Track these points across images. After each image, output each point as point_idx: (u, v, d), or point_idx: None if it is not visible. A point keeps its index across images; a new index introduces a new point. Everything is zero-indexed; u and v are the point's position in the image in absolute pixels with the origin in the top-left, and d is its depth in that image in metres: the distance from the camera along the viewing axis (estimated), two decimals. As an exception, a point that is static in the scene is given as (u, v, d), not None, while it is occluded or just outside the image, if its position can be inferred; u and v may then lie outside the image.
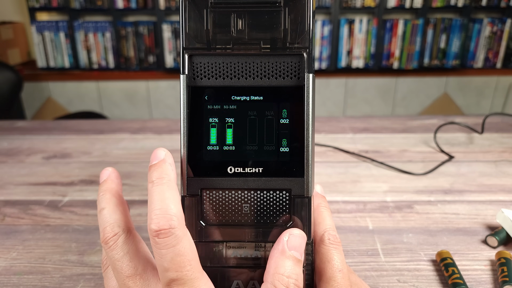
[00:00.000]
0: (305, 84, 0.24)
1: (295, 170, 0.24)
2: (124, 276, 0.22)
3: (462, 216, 0.46)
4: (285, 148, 0.24)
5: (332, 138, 0.72)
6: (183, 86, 0.24)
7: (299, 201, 0.24)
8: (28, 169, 0.60)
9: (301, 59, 0.24)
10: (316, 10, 1.94)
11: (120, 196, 0.24)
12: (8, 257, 0.40)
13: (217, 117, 0.24)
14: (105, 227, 0.23)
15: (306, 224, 0.24)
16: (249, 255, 0.24)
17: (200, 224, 0.24)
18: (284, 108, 0.24)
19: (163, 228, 0.20)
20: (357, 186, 0.54)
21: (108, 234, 0.22)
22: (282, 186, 0.24)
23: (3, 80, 1.69)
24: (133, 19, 2.28)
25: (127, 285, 0.22)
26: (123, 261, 0.22)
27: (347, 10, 2.20)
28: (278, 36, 0.24)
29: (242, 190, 0.24)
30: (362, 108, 2.37)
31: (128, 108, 2.36)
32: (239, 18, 0.24)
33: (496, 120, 0.80)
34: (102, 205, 0.23)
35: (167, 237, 0.20)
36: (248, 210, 0.24)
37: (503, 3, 2.17)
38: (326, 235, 0.25)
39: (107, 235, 0.22)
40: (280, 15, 0.24)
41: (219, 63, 0.24)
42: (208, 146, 0.24)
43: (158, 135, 0.75)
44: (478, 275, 0.36)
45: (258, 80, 0.24)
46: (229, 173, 0.24)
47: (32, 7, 2.18)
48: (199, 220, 0.24)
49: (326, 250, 0.24)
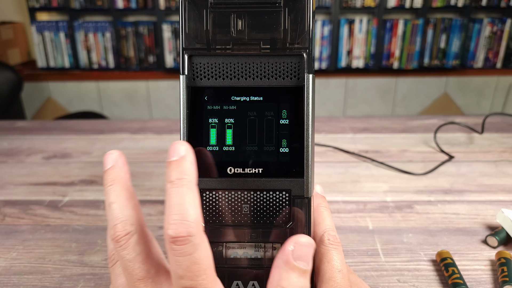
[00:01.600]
0: (305, 84, 0.24)
1: (295, 170, 0.24)
2: (135, 278, 0.21)
3: (462, 216, 0.46)
4: (285, 148, 0.24)
5: (332, 138, 0.72)
6: (182, 87, 0.24)
7: (299, 202, 0.24)
8: (28, 169, 0.60)
9: (301, 59, 0.24)
10: (316, 10, 1.94)
11: (130, 187, 0.23)
12: (8, 257, 0.40)
13: (217, 117, 0.24)
14: (115, 224, 0.21)
15: (306, 225, 0.24)
16: (249, 255, 0.24)
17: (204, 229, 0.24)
18: (284, 109, 0.24)
19: (181, 235, 0.19)
20: (357, 186, 0.54)
21: (119, 232, 0.21)
22: (282, 186, 0.24)
23: (3, 80, 1.69)
24: (133, 19, 2.28)
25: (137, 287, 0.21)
26: (135, 262, 0.21)
27: (347, 10, 2.20)
28: (278, 37, 0.24)
29: (242, 190, 0.24)
30: (362, 108, 2.37)
31: (128, 108, 2.36)
32: (239, 18, 0.24)
33: (496, 120, 0.80)
34: (112, 199, 0.21)
35: (184, 245, 0.19)
36: (248, 210, 0.24)
37: (503, 3, 2.17)
38: (325, 236, 0.25)
39: (119, 234, 0.21)
40: (280, 15, 0.24)
41: (219, 63, 0.24)
42: (208, 146, 0.24)
43: (158, 135, 0.75)
44: (478, 275, 0.36)
45: (258, 80, 0.24)
46: (229, 173, 0.24)
47: (32, 7, 2.18)
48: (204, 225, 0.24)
49: (326, 251, 0.24)
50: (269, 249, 0.24)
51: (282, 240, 0.24)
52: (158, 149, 0.68)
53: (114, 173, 0.22)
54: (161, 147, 0.69)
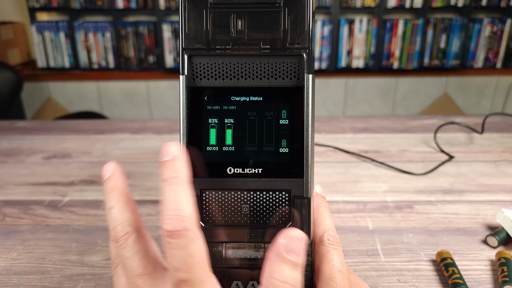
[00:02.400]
0: (305, 84, 0.24)
1: (294, 170, 0.24)
2: (133, 274, 0.22)
3: (462, 216, 0.46)
4: (285, 148, 0.24)
5: (332, 138, 0.72)
6: (182, 87, 0.24)
7: (299, 202, 0.24)
8: (28, 169, 0.60)
9: (300, 59, 0.24)
10: (316, 10, 1.94)
11: (128, 193, 0.24)
12: (8, 257, 0.40)
13: (217, 117, 0.24)
14: (115, 226, 0.22)
15: (306, 225, 0.24)
16: (249, 255, 0.24)
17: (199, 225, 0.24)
18: (283, 109, 0.24)
19: (176, 229, 0.20)
20: (357, 186, 0.54)
21: (119, 233, 0.22)
22: (281, 186, 0.24)
23: (3, 80, 1.69)
24: (133, 19, 2.28)
25: (136, 284, 0.22)
26: (133, 259, 0.22)
27: (347, 10, 2.20)
28: (278, 37, 0.24)
29: (242, 190, 0.24)
30: (362, 108, 2.37)
31: (128, 108, 2.36)
32: (239, 18, 0.24)
33: (496, 120, 0.80)
34: (111, 204, 0.23)
35: (180, 239, 0.20)
36: (248, 210, 0.24)
37: (503, 3, 2.17)
38: (325, 236, 0.25)
39: (118, 234, 0.22)
40: (280, 15, 0.24)
41: (219, 63, 0.24)
42: (208, 146, 0.24)
43: (158, 135, 0.75)
44: (478, 275, 0.36)
45: (257, 80, 0.24)
46: (228, 173, 0.24)
47: (32, 7, 2.18)
48: (199, 221, 0.24)
49: (326, 251, 0.24)
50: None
51: None
52: (158, 149, 0.68)
53: (112, 182, 0.24)
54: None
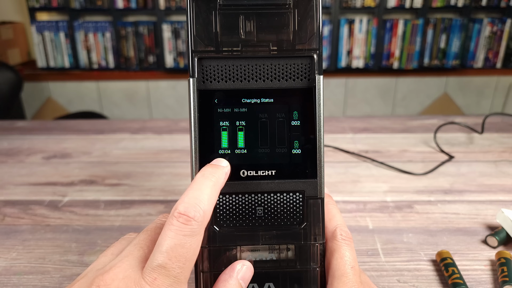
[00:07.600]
0: (316, 85, 0.24)
1: (308, 171, 0.24)
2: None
3: (462, 216, 0.46)
4: (297, 150, 0.24)
5: (332, 138, 0.72)
6: (192, 90, 0.24)
7: (313, 202, 0.24)
8: (28, 169, 0.60)
9: (311, 60, 0.24)
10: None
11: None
12: (8, 257, 0.40)
13: (228, 120, 0.24)
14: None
15: (320, 225, 0.24)
16: (264, 258, 0.24)
17: (213, 229, 0.24)
18: (295, 110, 0.24)
19: (187, 214, 0.20)
20: (357, 186, 0.54)
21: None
22: (295, 188, 0.24)
23: (3, 80, 1.69)
24: (133, 19, 2.28)
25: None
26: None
27: (347, 10, 2.19)
28: (287, 38, 0.24)
29: (256, 193, 0.24)
30: (362, 108, 2.37)
31: (128, 108, 2.36)
32: (248, 20, 0.23)
33: (496, 120, 0.80)
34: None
35: (185, 225, 0.20)
36: (262, 213, 0.24)
37: (503, 3, 2.17)
38: (338, 231, 0.25)
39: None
40: (289, 16, 0.23)
41: (228, 66, 0.24)
42: (220, 150, 0.24)
43: (158, 135, 0.75)
44: (478, 275, 0.36)
45: (268, 82, 0.24)
46: (242, 176, 0.24)
47: (32, 7, 2.18)
48: (213, 225, 0.24)
49: (338, 246, 0.24)
50: (284, 251, 0.24)
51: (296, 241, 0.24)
52: (158, 149, 0.68)
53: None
54: (161, 147, 0.69)
